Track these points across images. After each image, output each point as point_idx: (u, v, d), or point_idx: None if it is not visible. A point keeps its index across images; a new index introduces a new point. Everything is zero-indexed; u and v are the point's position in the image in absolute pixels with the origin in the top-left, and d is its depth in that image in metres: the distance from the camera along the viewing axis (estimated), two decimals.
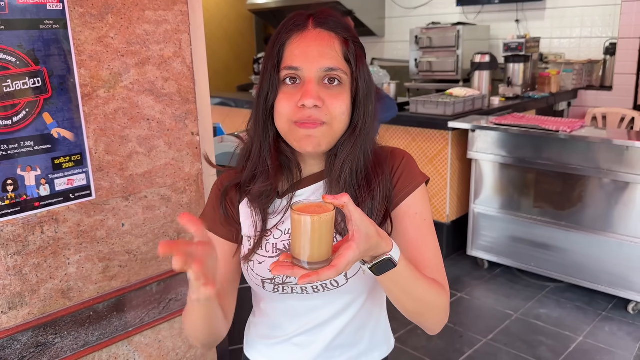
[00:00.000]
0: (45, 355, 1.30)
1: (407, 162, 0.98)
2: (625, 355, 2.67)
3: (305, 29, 0.91)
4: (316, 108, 0.88)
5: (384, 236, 0.77)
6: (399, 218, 0.95)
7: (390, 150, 1.00)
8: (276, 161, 0.95)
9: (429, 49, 5.06)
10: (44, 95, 1.20)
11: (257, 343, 1.06)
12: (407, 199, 0.95)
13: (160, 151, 1.43)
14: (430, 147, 3.75)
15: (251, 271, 0.97)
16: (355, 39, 0.94)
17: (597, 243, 3.14)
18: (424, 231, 0.95)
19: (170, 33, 1.40)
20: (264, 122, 0.95)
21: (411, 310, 0.89)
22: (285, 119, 0.90)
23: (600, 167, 3.05)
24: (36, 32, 1.16)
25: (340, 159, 0.93)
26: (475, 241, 3.68)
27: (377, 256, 0.78)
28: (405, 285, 0.84)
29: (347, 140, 0.93)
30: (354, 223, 0.72)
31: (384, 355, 1.05)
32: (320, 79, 0.89)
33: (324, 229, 0.71)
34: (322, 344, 0.99)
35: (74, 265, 1.31)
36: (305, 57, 0.89)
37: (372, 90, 0.95)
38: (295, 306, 0.98)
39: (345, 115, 0.91)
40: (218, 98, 5.30)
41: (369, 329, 1.02)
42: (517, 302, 3.24)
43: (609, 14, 4.64)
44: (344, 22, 0.94)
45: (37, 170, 1.21)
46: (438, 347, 2.77)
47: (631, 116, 4.31)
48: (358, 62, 0.93)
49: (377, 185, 0.93)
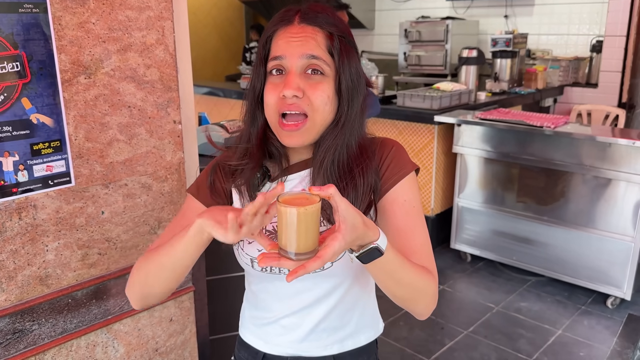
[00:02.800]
0: (22, 342, 1.29)
1: (396, 151, 1.00)
2: (602, 349, 2.72)
3: (291, 23, 0.95)
4: (296, 98, 0.91)
5: (370, 225, 0.79)
6: (388, 205, 0.97)
7: (380, 141, 1.03)
8: (261, 147, 0.99)
9: (418, 43, 5.06)
10: (23, 80, 1.18)
11: (249, 323, 1.10)
12: (396, 186, 0.97)
13: (142, 139, 1.42)
14: (417, 141, 3.76)
15: (241, 250, 1.00)
16: (341, 34, 0.95)
17: (579, 238, 3.18)
18: (413, 218, 0.96)
19: (152, 20, 1.39)
20: (252, 111, 1.00)
21: (400, 296, 0.91)
22: (272, 110, 0.94)
23: (583, 163, 3.09)
24: (15, 16, 1.15)
25: (322, 150, 0.96)
26: (458, 234, 3.71)
27: (364, 245, 0.79)
28: (393, 273, 0.85)
29: (331, 133, 0.96)
30: (340, 214, 0.73)
31: (371, 338, 1.08)
32: (303, 69, 0.92)
33: (310, 221, 0.72)
34: (309, 326, 1.01)
35: (53, 252, 1.31)
36: (288, 46, 0.92)
37: (360, 86, 0.97)
38: (283, 288, 1.00)
39: (327, 106, 0.93)
40: (206, 87, 5.27)
41: (357, 312, 1.04)
42: (499, 295, 3.28)
43: (596, 11, 4.68)
44: (332, 18, 0.96)
45: (15, 155, 1.20)
46: (419, 338, 2.80)
47: (615, 113, 4.36)
48: (342, 56, 0.94)
49: (360, 176, 0.95)
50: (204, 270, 1.71)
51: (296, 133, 0.93)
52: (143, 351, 1.55)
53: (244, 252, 1.00)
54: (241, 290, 1.15)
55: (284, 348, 1.04)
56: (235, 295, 2.05)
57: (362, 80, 0.98)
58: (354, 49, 0.98)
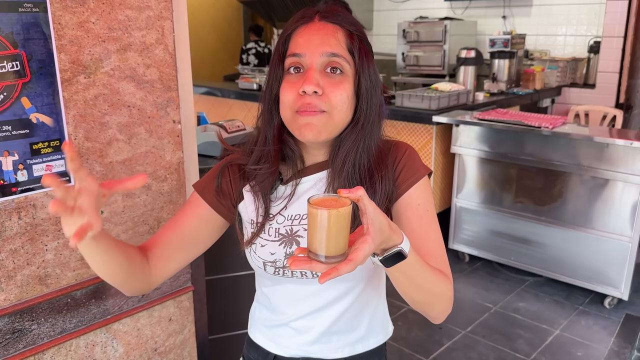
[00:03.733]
0: (21, 342, 1.29)
1: (409, 155, 1.00)
2: (600, 349, 2.73)
3: (311, 21, 0.95)
4: (316, 95, 0.90)
5: (395, 229, 0.78)
6: (402, 209, 0.96)
7: (393, 143, 1.02)
8: (278, 149, 0.98)
9: (416, 43, 5.07)
10: (23, 80, 1.18)
11: (259, 325, 1.10)
12: (410, 190, 0.96)
13: (141, 139, 1.42)
14: (415, 141, 3.77)
15: (253, 253, 1.00)
16: (361, 34, 0.95)
17: (576, 238, 3.19)
18: (427, 222, 0.96)
19: (152, 19, 1.39)
20: (269, 112, 0.98)
21: (418, 300, 0.90)
22: (288, 106, 0.93)
23: (581, 164, 3.10)
24: (15, 15, 1.15)
25: (343, 151, 0.95)
26: (456, 235, 3.72)
27: (388, 248, 0.79)
28: (413, 276, 0.85)
29: (350, 133, 0.95)
30: (368, 216, 0.72)
31: (380, 342, 1.08)
32: (323, 67, 0.91)
33: (341, 223, 0.71)
34: (320, 329, 1.01)
35: (52, 252, 1.30)
36: (308, 44, 0.92)
37: (378, 87, 0.97)
38: (295, 290, 1.00)
39: (345, 104, 0.92)
40: (204, 87, 5.27)
41: (367, 315, 1.04)
42: (497, 295, 3.29)
43: (594, 12, 4.69)
44: (351, 18, 0.96)
45: (15, 155, 1.20)
46: (417, 338, 2.80)
47: (613, 114, 4.37)
48: (362, 56, 0.94)
49: (379, 181, 0.94)
50: (203, 270, 1.71)
51: (313, 120, 0.90)
52: (142, 351, 1.55)
53: (257, 255, 0.99)
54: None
55: (294, 350, 1.04)
56: (234, 295, 2.06)
57: (380, 83, 0.98)
58: (371, 51, 0.97)
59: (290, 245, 0.97)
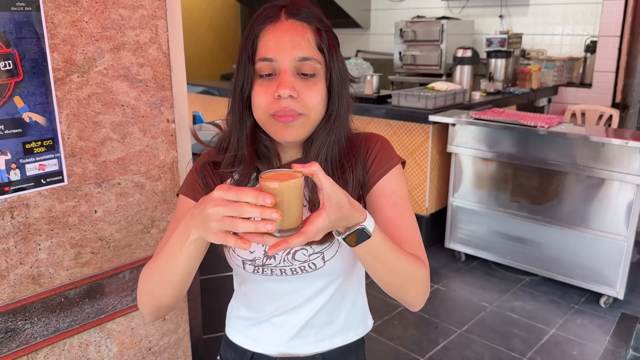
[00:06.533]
0: (14, 341, 1.29)
1: (381, 145, 1.00)
2: (595, 347, 2.73)
3: (278, 20, 0.92)
4: (291, 99, 0.89)
5: (357, 206, 0.78)
6: (375, 198, 0.97)
7: (365, 136, 1.03)
8: (253, 150, 0.97)
9: (413, 43, 5.07)
10: (15, 79, 1.18)
11: (237, 324, 1.09)
12: (382, 179, 0.97)
13: (135, 138, 1.42)
14: (411, 141, 3.77)
15: (232, 252, 1.00)
16: (327, 29, 0.95)
17: (572, 238, 3.20)
18: (401, 209, 0.96)
19: (146, 18, 1.38)
20: (240, 113, 0.96)
21: (390, 283, 0.90)
22: (262, 110, 0.92)
23: (577, 163, 3.10)
24: (7, 14, 1.15)
25: (315, 146, 0.95)
26: (453, 234, 3.72)
27: (351, 227, 0.79)
28: (382, 257, 0.84)
29: (322, 128, 0.95)
30: (325, 192, 0.72)
31: (359, 335, 1.08)
32: (295, 70, 0.91)
33: (292, 196, 0.71)
34: (299, 323, 1.01)
35: (45, 251, 1.30)
36: (279, 48, 0.90)
37: (346, 79, 0.97)
38: (274, 288, 1.00)
39: (321, 105, 0.93)
40: (201, 86, 5.26)
41: (345, 309, 1.04)
42: (493, 294, 3.29)
43: (590, 12, 4.70)
44: (316, 12, 0.95)
45: (7, 154, 1.20)
46: (413, 337, 2.80)
47: (609, 113, 4.38)
48: (331, 51, 0.93)
49: (350, 172, 0.95)
50: (198, 270, 1.71)
51: (292, 124, 0.91)
52: (136, 350, 1.55)
53: (235, 254, 0.99)
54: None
55: (273, 347, 1.04)
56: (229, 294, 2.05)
57: (347, 74, 0.98)
58: (338, 43, 0.97)
59: None
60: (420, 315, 3.02)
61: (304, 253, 0.95)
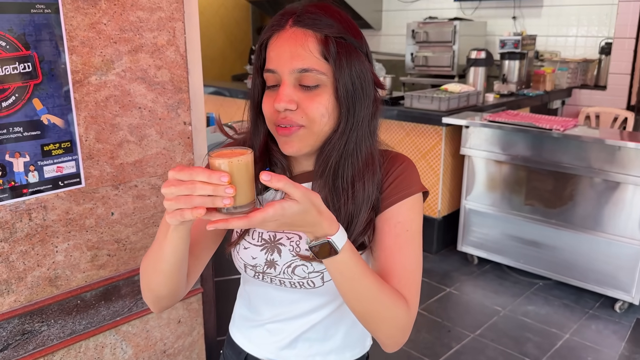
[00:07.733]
0: (31, 343, 1.29)
1: (404, 168, 0.94)
2: (610, 354, 2.70)
3: (283, 28, 0.88)
4: (289, 111, 0.87)
5: (327, 217, 0.75)
6: (380, 223, 0.92)
7: (392, 155, 0.96)
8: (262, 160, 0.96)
9: (425, 44, 5.04)
10: (34, 81, 1.18)
11: (239, 322, 1.10)
12: (394, 206, 0.91)
13: (152, 140, 1.42)
14: (424, 143, 3.75)
15: (237, 254, 1.00)
16: (338, 35, 0.87)
17: (587, 242, 3.16)
18: (402, 242, 0.90)
19: (164, 20, 1.38)
20: (254, 122, 0.96)
21: (358, 311, 0.85)
22: (269, 120, 0.91)
23: (592, 167, 3.07)
24: (27, 16, 1.15)
25: (323, 160, 0.91)
26: (465, 237, 3.69)
27: (319, 237, 0.77)
28: (351, 280, 0.80)
29: (332, 141, 0.90)
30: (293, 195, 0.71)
31: (356, 356, 1.05)
32: (296, 81, 0.87)
33: (241, 172, 0.71)
34: (293, 334, 1.00)
35: (62, 253, 1.30)
36: (279, 59, 0.87)
37: (363, 89, 0.89)
38: (273, 295, 1.00)
39: (325, 117, 0.88)
40: (212, 87, 5.26)
41: (343, 328, 1.01)
42: (506, 298, 3.26)
43: (605, 13, 4.65)
44: (330, 17, 0.87)
45: (26, 156, 1.20)
46: (426, 341, 2.79)
47: (624, 116, 4.33)
48: (340, 60, 0.86)
49: (361, 188, 0.89)
50: (212, 272, 1.71)
51: (291, 139, 0.88)
52: (151, 352, 1.55)
53: (239, 257, 1.00)
54: None
55: (266, 352, 1.03)
56: None
57: (369, 81, 0.90)
58: (357, 48, 0.88)
59: (272, 251, 0.95)
60: (432, 319, 3.00)
61: (303, 269, 0.92)
